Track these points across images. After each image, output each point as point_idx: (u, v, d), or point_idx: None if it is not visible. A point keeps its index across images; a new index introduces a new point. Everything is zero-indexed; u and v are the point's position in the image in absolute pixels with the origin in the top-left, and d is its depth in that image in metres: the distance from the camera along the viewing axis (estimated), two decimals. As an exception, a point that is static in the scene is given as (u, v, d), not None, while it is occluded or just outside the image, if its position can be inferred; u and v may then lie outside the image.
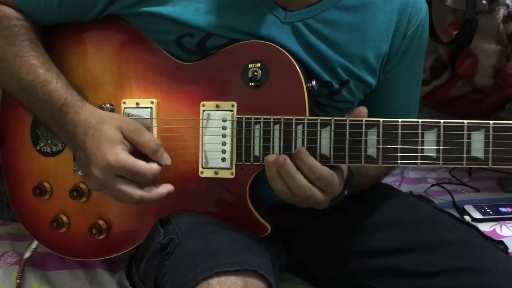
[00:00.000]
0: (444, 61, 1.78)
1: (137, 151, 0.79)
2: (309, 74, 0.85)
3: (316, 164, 0.75)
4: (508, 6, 1.61)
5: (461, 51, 1.69)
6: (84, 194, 0.90)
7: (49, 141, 0.93)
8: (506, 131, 0.72)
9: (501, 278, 0.79)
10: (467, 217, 1.15)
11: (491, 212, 1.16)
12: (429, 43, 1.77)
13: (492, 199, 1.28)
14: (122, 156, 0.76)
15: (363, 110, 0.77)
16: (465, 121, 0.73)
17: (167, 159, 0.81)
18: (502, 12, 1.61)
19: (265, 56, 0.81)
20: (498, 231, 1.10)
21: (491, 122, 0.73)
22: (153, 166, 0.78)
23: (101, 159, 0.76)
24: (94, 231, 0.89)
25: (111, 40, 0.90)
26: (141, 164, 0.77)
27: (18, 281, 0.97)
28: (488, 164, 0.73)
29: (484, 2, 1.63)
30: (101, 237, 0.90)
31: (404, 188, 1.33)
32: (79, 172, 0.89)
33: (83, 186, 0.90)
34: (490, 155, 0.73)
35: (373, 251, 0.89)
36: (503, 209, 1.17)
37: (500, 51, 1.61)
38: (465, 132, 0.74)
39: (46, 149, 0.93)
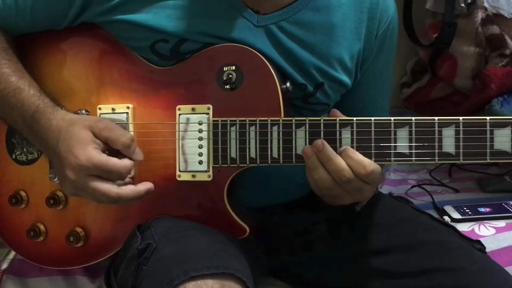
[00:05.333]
0: (424, 63, 1.80)
1: (110, 149, 0.79)
2: (284, 76, 0.85)
3: (366, 160, 0.75)
4: (486, 9, 1.63)
5: (441, 53, 1.71)
6: (61, 202, 0.90)
7: (25, 149, 0.92)
8: (476, 127, 0.73)
9: (478, 277, 0.79)
10: (446, 218, 1.16)
11: (470, 212, 1.17)
12: (410, 46, 1.81)
13: (472, 199, 1.29)
14: (94, 155, 0.75)
15: (338, 114, 0.78)
16: (436, 118, 0.74)
17: (139, 154, 0.81)
18: (480, 15, 1.63)
19: (239, 59, 0.82)
20: (476, 231, 1.10)
21: (461, 118, 0.74)
22: (126, 162, 0.77)
23: (73, 160, 0.75)
24: (71, 238, 0.89)
25: (86, 47, 0.90)
26: (114, 161, 0.76)
27: (-4, 291, 0.96)
28: (459, 159, 0.73)
29: (463, 5, 1.65)
30: (79, 244, 0.89)
31: (385, 189, 1.34)
32: (56, 179, 0.89)
33: (59, 193, 0.90)
34: (461, 150, 0.74)
35: (352, 253, 0.89)
36: (482, 209, 1.18)
37: (479, 54, 1.62)
38: (436, 128, 0.74)
39: (22, 157, 0.92)
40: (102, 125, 0.79)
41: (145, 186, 0.80)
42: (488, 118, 0.72)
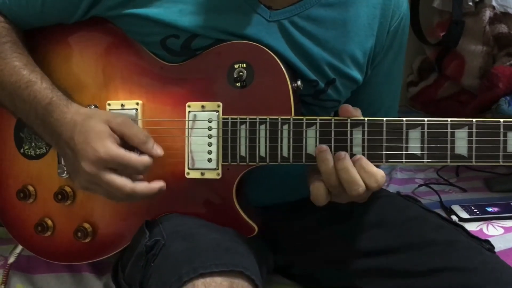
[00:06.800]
0: (431, 62, 1.80)
1: (126, 145, 0.79)
2: (295, 73, 0.85)
3: (378, 173, 0.76)
4: (494, 7, 1.62)
5: (448, 52, 1.71)
6: (69, 197, 0.89)
7: (33, 144, 0.92)
8: (489, 129, 0.73)
9: (487, 277, 0.79)
10: (454, 217, 1.16)
11: (477, 212, 1.17)
12: (417, 44, 1.80)
13: (479, 199, 1.29)
14: (112, 148, 0.76)
15: (349, 108, 0.78)
16: (449, 119, 0.74)
17: (159, 150, 0.80)
18: (488, 13, 1.63)
19: (250, 56, 0.81)
20: (484, 230, 1.10)
21: (474, 119, 0.73)
22: (144, 158, 0.78)
23: (91, 152, 0.75)
24: (79, 234, 0.89)
25: (96, 42, 0.89)
26: (132, 155, 0.76)
27: (2, 286, 0.95)
28: (471, 162, 0.73)
29: (471, 3, 1.64)
30: (87, 240, 0.89)
31: (392, 188, 1.34)
32: (64, 174, 0.88)
33: (68, 189, 0.89)
34: (473, 153, 0.73)
35: (360, 252, 0.89)
36: (490, 209, 1.18)
37: (486, 52, 1.62)
38: (449, 130, 0.74)
39: (30, 152, 0.92)
40: (119, 120, 0.79)
41: (158, 184, 0.80)
42: (501, 120, 0.72)
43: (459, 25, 1.63)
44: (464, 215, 1.16)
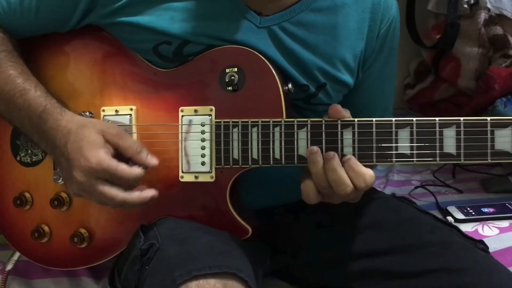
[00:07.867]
0: (427, 64, 1.81)
1: (119, 156, 0.79)
2: (286, 77, 0.86)
3: (367, 173, 0.76)
4: (489, 10, 1.63)
5: (444, 54, 1.72)
6: (65, 203, 0.90)
7: (29, 151, 0.93)
8: (477, 127, 0.74)
9: (481, 277, 0.79)
10: (450, 218, 1.16)
11: (473, 213, 1.17)
12: (413, 47, 1.81)
13: (475, 200, 1.29)
14: (104, 159, 0.76)
15: (339, 108, 0.78)
16: (437, 118, 0.74)
17: (153, 160, 0.81)
18: (483, 15, 1.63)
19: (241, 61, 0.82)
20: (480, 231, 1.10)
21: (461, 118, 0.74)
22: (135, 170, 0.78)
23: (83, 162, 0.76)
24: (75, 239, 0.89)
25: (90, 49, 0.91)
26: (123, 167, 0.77)
27: (1, 292, 0.96)
28: (460, 160, 0.74)
29: (466, 6, 1.65)
30: (83, 245, 0.90)
31: (389, 190, 1.34)
32: (60, 181, 0.89)
33: (64, 195, 0.90)
34: (462, 151, 0.74)
35: (356, 253, 0.89)
36: (485, 210, 1.18)
37: (482, 54, 1.63)
38: (437, 129, 0.75)
39: (26, 159, 0.93)
40: (114, 131, 0.79)
41: (150, 192, 0.80)
42: (488, 118, 0.73)
43: (454, 28, 1.64)
44: (460, 216, 1.16)
